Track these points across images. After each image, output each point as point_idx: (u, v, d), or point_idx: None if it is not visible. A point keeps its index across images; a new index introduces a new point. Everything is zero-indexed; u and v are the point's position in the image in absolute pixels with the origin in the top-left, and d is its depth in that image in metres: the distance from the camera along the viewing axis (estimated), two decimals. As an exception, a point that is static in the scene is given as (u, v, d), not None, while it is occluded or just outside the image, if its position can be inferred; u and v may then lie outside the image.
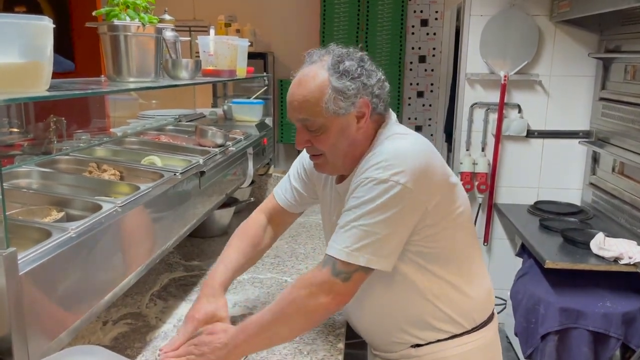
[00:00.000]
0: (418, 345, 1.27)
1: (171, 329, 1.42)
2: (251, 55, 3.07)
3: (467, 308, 1.26)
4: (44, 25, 0.94)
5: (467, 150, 3.22)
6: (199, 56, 2.04)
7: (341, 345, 1.35)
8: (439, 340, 1.25)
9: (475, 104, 3.16)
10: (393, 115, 1.29)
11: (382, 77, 1.24)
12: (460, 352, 1.26)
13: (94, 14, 1.42)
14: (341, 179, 1.30)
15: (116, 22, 1.36)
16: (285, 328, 1.17)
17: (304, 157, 1.47)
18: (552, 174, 3.18)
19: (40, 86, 0.97)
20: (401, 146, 1.16)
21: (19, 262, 0.80)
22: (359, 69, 1.18)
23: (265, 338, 1.19)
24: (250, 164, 2.17)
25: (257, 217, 1.51)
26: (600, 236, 2.40)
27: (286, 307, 1.15)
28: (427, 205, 1.13)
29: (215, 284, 1.35)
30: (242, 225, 1.51)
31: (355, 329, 1.40)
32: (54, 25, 0.97)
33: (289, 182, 1.50)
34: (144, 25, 1.38)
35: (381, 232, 1.10)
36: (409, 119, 4.56)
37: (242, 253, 1.44)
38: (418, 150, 1.16)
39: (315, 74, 1.19)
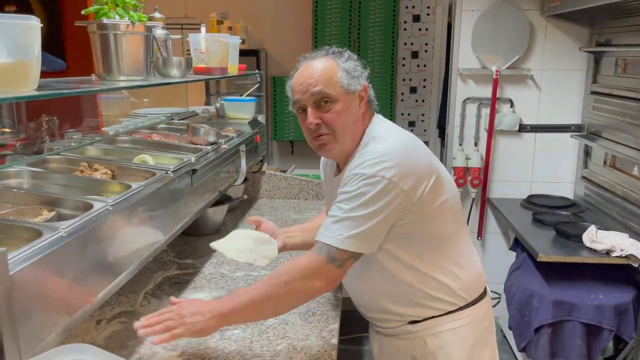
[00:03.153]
0: (415, 322, 1.36)
1: (165, 327, 1.42)
2: (243, 53, 3.06)
3: (457, 288, 1.35)
4: (32, 25, 0.93)
5: (460, 145, 3.23)
6: (190, 54, 2.04)
7: (335, 341, 1.36)
8: (433, 317, 1.35)
9: (468, 99, 3.17)
10: (378, 116, 1.41)
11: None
12: (454, 326, 1.36)
13: (83, 12, 1.41)
14: (338, 171, 1.42)
15: (105, 20, 1.36)
16: (276, 307, 1.26)
17: (321, 172, 1.62)
18: (545, 167, 3.20)
19: (29, 85, 0.96)
20: (387, 145, 1.26)
21: (9, 262, 0.80)
22: (356, 60, 1.35)
23: (253, 313, 1.26)
24: (243, 161, 2.17)
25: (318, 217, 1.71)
26: (592, 229, 2.41)
27: (280, 289, 1.22)
28: (411, 196, 1.23)
29: (304, 226, 1.61)
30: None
31: (356, 305, 1.49)
32: (42, 25, 0.97)
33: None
34: (133, 23, 1.38)
35: (371, 222, 1.20)
36: (402, 114, 4.57)
37: (309, 230, 1.59)
38: (402, 147, 1.26)
39: (322, 58, 1.33)
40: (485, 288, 1.45)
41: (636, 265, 2.22)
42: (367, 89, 1.35)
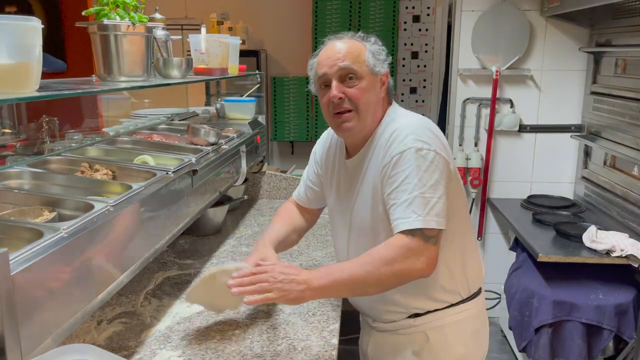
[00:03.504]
0: (416, 315, 1.37)
1: (166, 327, 1.42)
2: (244, 53, 3.07)
3: (464, 279, 1.37)
4: (32, 26, 0.94)
5: (460, 145, 3.23)
6: (190, 54, 2.04)
7: (335, 341, 1.36)
8: (436, 310, 1.36)
9: (468, 99, 3.17)
10: (395, 103, 1.43)
11: None
12: (456, 319, 1.37)
13: (83, 13, 1.42)
14: (349, 154, 1.41)
15: (106, 21, 1.36)
16: (375, 286, 1.22)
17: (314, 152, 1.60)
18: (545, 168, 3.20)
19: (30, 87, 0.97)
20: (416, 121, 1.30)
21: (10, 262, 0.80)
22: (381, 45, 1.38)
23: (350, 290, 1.26)
24: (244, 161, 2.17)
25: (287, 204, 1.66)
26: (592, 229, 2.41)
27: (381, 267, 1.18)
28: (450, 166, 1.26)
29: (265, 240, 1.47)
30: (277, 211, 1.65)
31: (353, 302, 1.49)
32: (43, 26, 0.97)
33: (303, 179, 1.63)
34: (133, 24, 1.38)
35: (435, 194, 1.20)
36: (403, 115, 4.57)
37: (283, 224, 1.56)
38: (429, 123, 1.31)
39: (350, 39, 1.35)
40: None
41: (636, 265, 2.22)
42: (388, 74, 1.37)
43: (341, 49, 1.31)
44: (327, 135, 1.57)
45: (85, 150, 1.64)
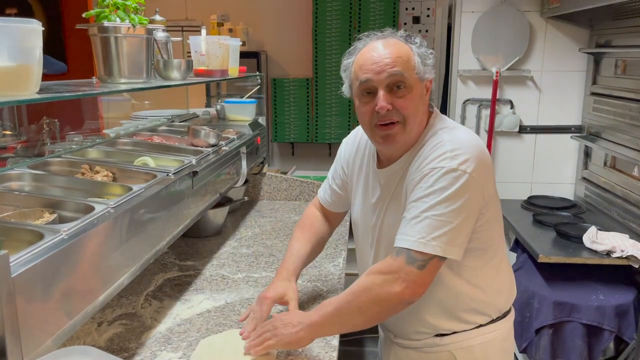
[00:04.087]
0: (442, 335, 1.30)
1: (167, 329, 1.42)
2: (244, 55, 3.07)
3: (496, 299, 1.30)
4: (33, 28, 0.94)
5: (461, 146, 3.23)
6: (190, 56, 2.05)
7: (335, 343, 1.36)
8: (464, 330, 1.29)
9: (468, 100, 3.17)
10: (437, 110, 1.32)
11: None
12: (484, 341, 1.30)
13: (84, 15, 1.42)
14: (381, 164, 1.32)
15: (106, 23, 1.37)
16: (358, 316, 1.17)
17: (340, 154, 1.50)
18: (545, 168, 3.20)
19: (30, 89, 0.97)
20: (461, 137, 1.19)
21: (11, 264, 0.81)
22: (427, 46, 1.25)
23: (338, 323, 1.20)
24: (244, 163, 2.17)
25: (312, 211, 1.58)
26: (592, 230, 2.41)
27: (359, 294, 1.15)
28: (484, 194, 1.17)
29: (288, 269, 1.41)
30: (301, 219, 1.58)
31: None
32: (43, 28, 0.97)
33: (328, 181, 1.55)
34: (134, 26, 1.38)
35: (455, 220, 1.10)
36: (403, 116, 4.57)
37: (305, 241, 1.50)
38: (476, 140, 1.20)
39: (396, 40, 1.21)
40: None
41: (636, 266, 2.22)
42: (432, 81, 1.26)
43: (389, 52, 1.18)
44: (355, 137, 1.46)
45: (86, 152, 1.64)
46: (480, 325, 1.29)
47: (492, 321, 1.31)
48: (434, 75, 1.25)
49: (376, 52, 1.19)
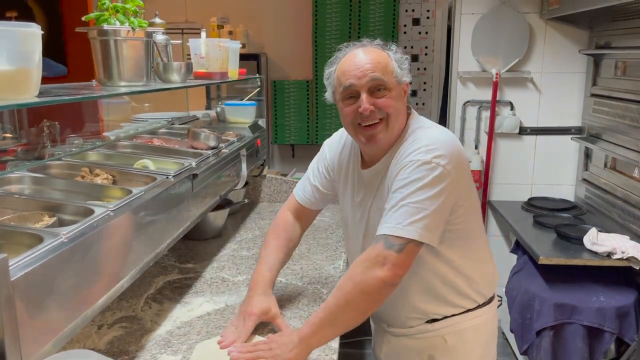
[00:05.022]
0: (434, 320, 1.37)
1: (167, 332, 1.42)
2: (244, 57, 3.07)
3: (481, 284, 1.38)
4: (32, 32, 0.94)
5: (461, 148, 3.23)
6: (190, 59, 2.05)
7: (335, 345, 1.36)
8: (454, 315, 1.37)
9: (468, 102, 3.18)
10: (414, 111, 1.41)
11: None
12: (474, 324, 1.39)
13: (84, 19, 1.42)
14: (366, 164, 1.39)
15: (106, 26, 1.37)
16: (347, 311, 1.20)
17: (323, 155, 1.55)
18: (545, 170, 3.20)
19: (30, 92, 0.97)
20: (436, 134, 1.28)
21: (10, 268, 0.81)
22: (402, 53, 1.35)
23: (330, 325, 1.23)
24: (244, 165, 2.18)
25: (284, 215, 1.59)
26: (593, 231, 2.41)
27: (344, 287, 1.20)
28: (460, 186, 1.24)
29: (264, 282, 1.43)
30: (273, 225, 1.59)
31: None
32: (43, 32, 0.98)
33: (308, 181, 1.57)
34: (133, 29, 1.39)
35: (429, 207, 1.18)
36: (403, 117, 4.57)
37: (278, 249, 1.52)
38: (450, 138, 1.28)
39: (373, 47, 1.32)
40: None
41: (637, 268, 2.22)
42: (409, 85, 1.35)
43: (368, 58, 1.27)
44: (340, 139, 1.53)
45: (86, 155, 1.65)
46: (469, 310, 1.37)
47: (479, 306, 1.39)
48: (410, 79, 1.34)
49: (357, 58, 1.28)
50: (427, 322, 1.38)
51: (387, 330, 1.47)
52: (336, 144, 1.53)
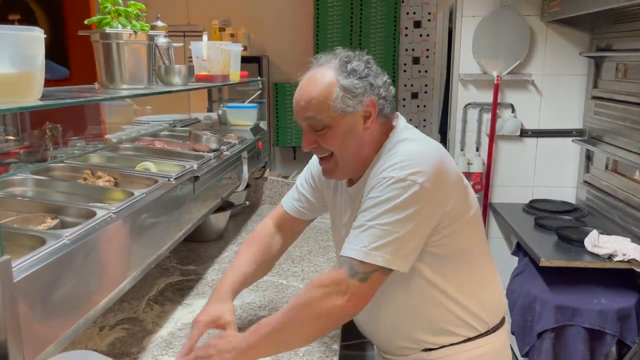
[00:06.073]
0: (429, 349, 1.26)
1: (168, 333, 1.43)
2: (245, 59, 3.08)
3: (481, 311, 1.25)
4: (35, 36, 0.95)
5: (462, 150, 3.24)
6: (192, 61, 2.05)
7: (336, 347, 1.36)
8: (451, 344, 1.25)
9: (469, 104, 3.18)
10: (402, 120, 1.28)
11: (388, 80, 1.25)
12: (472, 355, 1.25)
13: (86, 22, 1.43)
14: (352, 181, 1.29)
15: (108, 30, 1.38)
16: (298, 331, 1.13)
17: (313, 164, 1.47)
18: (547, 172, 3.20)
19: (33, 95, 0.98)
20: (416, 148, 1.16)
21: (13, 269, 0.81)
22: (365, 70, 1.19)
23: (276, 342, 1.14)
24: (245, 167, 2.18)
25: (264, 225, 1.51)
26: (594, 233, 2.41)
27: (300, 309, 1.11)
28: (444, 206, 1.13)
29: (223, 288, 1.35)
30: (251, 234, 1.50)
31: (363, 331, 1.38)
32: (45, 35, 0.98)
33: (296, 190, 1.50)
34: (135, 32, 1.39)
35: (400, 231, 1.07)
36: (404, 120, 4.58)
37: (250, 259, 1.43)
38: (433, 152, 1.16)
39: (322, 74, 1.19)
40: (504, 314, 1.36)
41: (638, 270, 2.22)
42: (375, 103, 1.19)
43: (305, 94, 1.18)
44: None
45: (88, 157, 1.65)
46: (469, 339, 1.25)
47: (481, 335, 1.26)
48: (371, 99, 1.18)
49: (298, 93, 1.21)
50: (423, 350, 1.27)
51: (384, 356, 1.37)
52: None
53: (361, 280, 1.08)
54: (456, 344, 1.24)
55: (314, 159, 1.43)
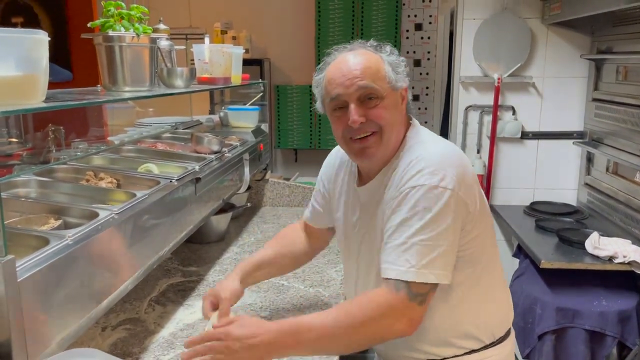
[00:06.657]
0: None
1: (170, 334, 1.44)
2: (247, 62, 3.10)
3: (488, 323, 1.24)
4: (40, 39, 0.96)
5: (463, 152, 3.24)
6: (194, 64, 2.07)
7: (337, 347, 1.37)
8: (455, 356, 1.22)
9: (470, 106, 3.19)
10: (416, 122, 1.27)
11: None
12: None
13: (89, 25, 1.45)
14: (362, 181, 1.27)
15: (111, 33, 1.39)
16: (347, 345, 1.09)
17: (322, 172, 1.45)
18: (547, 174, 3.20)
19: (37, 97, 0.99)
20: (438, 151, 1.14)
21: (17, 269, 0.82)
22: (398, 55, 1.21)
23: (318, 348, 1.11)
24: (247, 169, 2.19)
25: (292, 225, 1.56)
26: (594, 235, 2.41)
27: (356, 330, 1.07)
28: (469, 208, 1.11)
29: (236, 269, 1.40)
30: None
31: None
32: (49, 39, 1.00)
33: (313, 198, 1.49)
34: (138, 35, 1.41)
35: (443, 243, 1.06)
36: (406, 122, 4.59)
37: (269, 245, 1.48)
38: (455, 154, 1.15)
39: (366, 51, 1.18)
40: (510, 325, 1.34)
41: (639, 272, 2.22)
42: (407, 90, 1.20)
43: (357, 64, 1.13)
44: (337, 154, 1.40)
45: (91, 159, 1.67)
46: (473, 351, 1.22)
47: (486, 346, 1.23)
48: (408, 83, 1.20)
49: (345, 65, 1.15)
50: None
51: None
52: (333, 159, 1.42)
53: (420, 302, 1.06)
54: (460, 355, 1.22)
55: (322, 170, 1.44)
